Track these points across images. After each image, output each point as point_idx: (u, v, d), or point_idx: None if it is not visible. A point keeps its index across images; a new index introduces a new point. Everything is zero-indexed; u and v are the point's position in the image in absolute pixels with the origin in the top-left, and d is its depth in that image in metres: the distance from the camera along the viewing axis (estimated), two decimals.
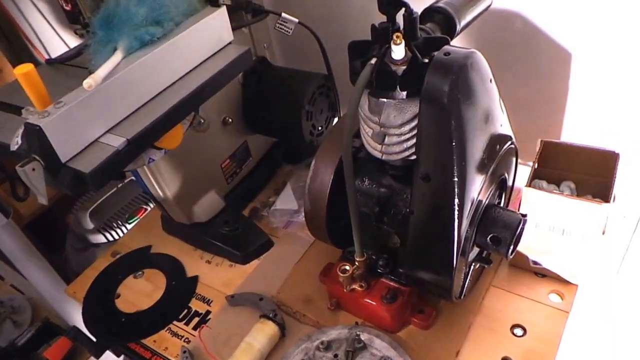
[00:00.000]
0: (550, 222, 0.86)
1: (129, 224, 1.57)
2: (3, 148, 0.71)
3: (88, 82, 0.66)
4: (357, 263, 0.84)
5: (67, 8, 0.81)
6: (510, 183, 0.91)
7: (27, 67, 0.67)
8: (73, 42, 1.55)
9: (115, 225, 1.58)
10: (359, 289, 0.87)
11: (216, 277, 1.06)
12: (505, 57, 1.06)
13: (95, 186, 0.67)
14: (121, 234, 1.56)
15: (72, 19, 0.82)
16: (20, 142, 0.67)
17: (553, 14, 0.96)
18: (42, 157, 0.64)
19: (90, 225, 1.58)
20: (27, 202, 1.53)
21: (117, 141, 0.70)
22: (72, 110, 0.67)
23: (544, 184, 0.94)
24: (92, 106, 0.70)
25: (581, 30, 0.95)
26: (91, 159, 0.68)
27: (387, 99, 0.70)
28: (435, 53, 0.66)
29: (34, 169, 0.64)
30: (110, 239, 1.56)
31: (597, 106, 1.02)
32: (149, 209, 1.57)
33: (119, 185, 1.67)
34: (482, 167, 0.72)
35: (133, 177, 1.60)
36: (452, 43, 0.69)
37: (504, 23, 1.01)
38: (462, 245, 0.73)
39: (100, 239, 1.57)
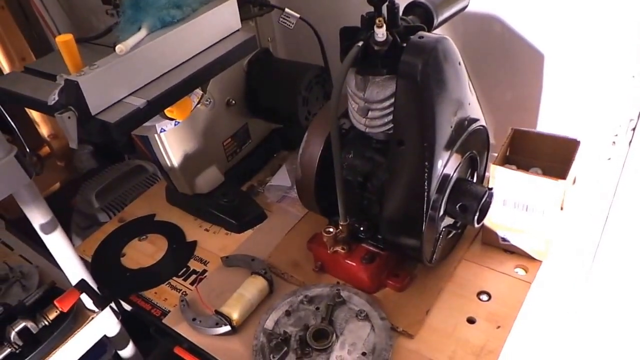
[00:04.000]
0: (515, 199, 0.96)
1: None
2: (41, 104, 0.84)
3: (120, 47, 0.79)
4: (340, 227, 0.94)
5: None
6: (483, 167, 1.02)
7: (67, 37, 0.81)
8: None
9: (120, 206, 1.68)
10: (342, 251, 0.98)
11: (213, 243, 1.17)
12: (485, 58, 1.16)
13: (118, 135, 0.78)
14: None
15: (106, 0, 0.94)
16: (57, 97, 0.78)
17: (529, 19, 1.06)
18: (76, 108, 0.76)
19: (96, 204, 1.68)
20: (37, 183, 1.63)
21: (138, 102, 0.83)
22: (104, 72, 0.80)
23: (514, 168, 1.03)
24: (120, 71, 0.82)
25: (553, 34, 1.05)
26: (116, 113, 0.80)
27: (371, 76, 0.81)
28: (411, 37, 0.77)
29: (69, 117, 0.75)
30: (114, 217, 1.66)
31: (567, 103, 1.12)
32: None
33: (124, 171, 1.77)
34: (450, 139, 0.83)
35: (135, 162, 1.72)
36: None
37: (485, 27, 1.11)
38: (430, 208, 0.84)
39: (105, 217, 1.67)
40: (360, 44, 0.78)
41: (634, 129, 1.02)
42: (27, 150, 1.05)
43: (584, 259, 1.21)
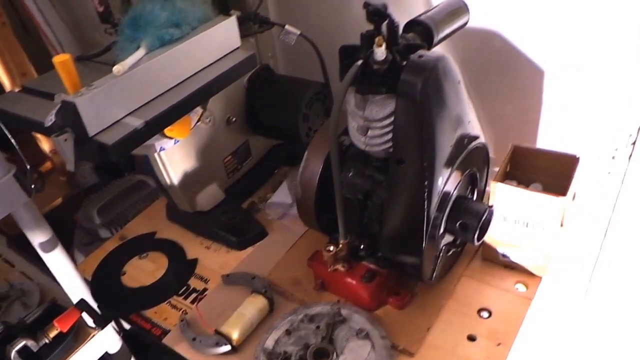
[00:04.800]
0: (515, 215, 0.96)
1: None
2: (38, 125, 0.83)
3: (117, 68, 0.79)
4: (340, 245, 0.94)
5: (100, 9, 0.93)
6: (483, 183, 1.02)
7: (64, 57, 0.81)
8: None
9: (122, 221, 1.68)
10: (342, 269, 0.97)
11: (214, 260, 1.17)
12: (484, 73, 1.16)
13: (116, 157, 0.78)
14: None
15: (104, 19, 0.94)
16: (54, 119, 0.78)
17: (528, 35, 1.07)
18: (73, 130, 0.76)
19: (97, 220, 1.68)
20: (39, 199, 1.64)
21: (136, 122, 0.83)
22: (101, 93, 0.80)
23: (514, 183, 1.03)
24: (118, 91, 0.82)
25: (553, 50, 1.05)
26: (114, 135, 0.80)
27: (370, 95, 0.81)
28: (411, 56, 0.77)
29: (66, 140, 0.75)
30: (116, 233, 1.66)
31: (567, 117, 1.12)
32: None
33: (126, 186, 1.78)
34: (450, 157, 0.82)
35: (136, 177, 1.72)
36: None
37: (485, 42, 1.12)
38: (430, 228, 0.84)
39: (106, 233, 1.67)
40: (360, 62, 0.78)
41: (633, 144, 1.02)
42: (28, 167, 1.06)
43: (583, 273, 1.20)
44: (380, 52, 0.75)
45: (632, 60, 0.95)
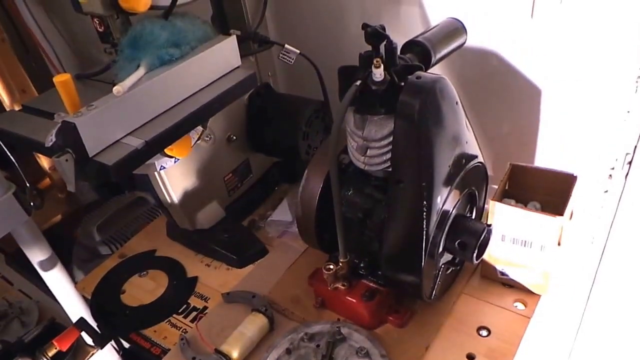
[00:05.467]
0: (514, 234, 0.96)
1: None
2: (38, 145, 0.83)
3: (117, 89, 0.79)
4: (340, 264, 0.94)
5: (100, 29, 0.94)
6: (482, 201, 1.02)
7: (64, 77, 0.81)
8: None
9: (121, 238, 1.68)
10: (342, 287, 0.97)
11: (214, 278, 1.17)
12: (482, 91, 1.17)
13: (116, 177, 0.78)
14: None
15: (104, 38, 0.95)
16: (54, 139, 0.79)
17: (525, 53, 1.08)
18: (73, 150, 0.76)
19: (97, 237, 1.68)
20: (38, 215, 1.64)
21: (136, 142, 0.83)
22: (101, 113, 0.80)
23: (512, 202, 1.04)
24: (118, 111, 0.83)
25: (550, 69, 1.06)
26: (114, 155, 0.80)
27: (369, 115, 0.82)
28: (409, 77, 0.78)
29: (67, 160, 0.76)
30: (116, 250, 1.66)
31: (565, 136, 1.13)
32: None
33: (125, 203, 1.78)
34: (448, 177, 0.83)
35: (136, 194, 1.72)
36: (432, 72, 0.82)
37: (482, 61, 1.13)
38: (429, 246, 0.84)
39: (106, 250, 1.66)
40: (358, 83, 0.79)
41: (630, 163, 1.03)
42: (27, 185, 1.06)
43: (582, 292, 1.20)
44: (379, 73, 0.76)
45: (628, 79, 0.96)
